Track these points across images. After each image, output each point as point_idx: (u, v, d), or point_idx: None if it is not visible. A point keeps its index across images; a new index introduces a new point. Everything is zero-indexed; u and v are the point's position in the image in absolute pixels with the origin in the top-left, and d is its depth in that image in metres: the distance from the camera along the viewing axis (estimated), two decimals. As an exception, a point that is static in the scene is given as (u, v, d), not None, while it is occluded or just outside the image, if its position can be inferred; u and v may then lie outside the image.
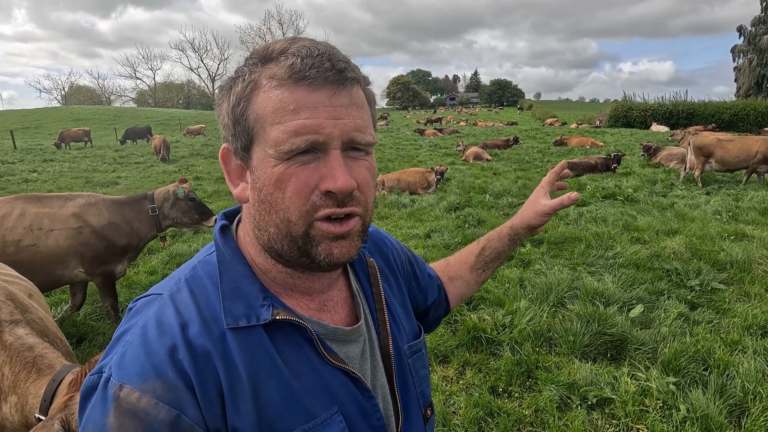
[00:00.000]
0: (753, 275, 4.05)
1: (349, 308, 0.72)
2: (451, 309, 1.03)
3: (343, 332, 0.67)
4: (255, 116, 0.58)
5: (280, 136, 0.56)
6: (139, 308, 0.62)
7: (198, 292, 0.61)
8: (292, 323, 0.61)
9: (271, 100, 0.57)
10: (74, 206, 3.26)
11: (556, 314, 3.44)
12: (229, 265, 0.64)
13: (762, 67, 35.71)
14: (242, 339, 0.59)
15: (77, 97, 78.99)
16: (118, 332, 0.60)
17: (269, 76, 0.58)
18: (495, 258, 1.01)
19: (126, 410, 0.52)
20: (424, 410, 0.78)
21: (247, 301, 0.61)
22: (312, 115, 0.56)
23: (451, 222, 6.24)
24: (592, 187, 8.25)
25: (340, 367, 0.64)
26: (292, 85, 0.57)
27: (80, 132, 22.65)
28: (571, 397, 2.57)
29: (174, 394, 0.53)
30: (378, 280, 0.77)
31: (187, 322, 0.58)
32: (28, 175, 12.70)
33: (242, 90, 0.59)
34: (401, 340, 0.77)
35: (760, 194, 7.14)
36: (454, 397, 2.65)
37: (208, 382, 0.55)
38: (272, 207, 0.59)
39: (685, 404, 2.42)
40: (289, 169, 0.57)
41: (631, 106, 28.19)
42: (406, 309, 0.83)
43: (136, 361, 0.54)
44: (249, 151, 0.60)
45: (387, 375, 0.73)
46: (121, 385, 0.53)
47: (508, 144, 16.23)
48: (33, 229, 3.05)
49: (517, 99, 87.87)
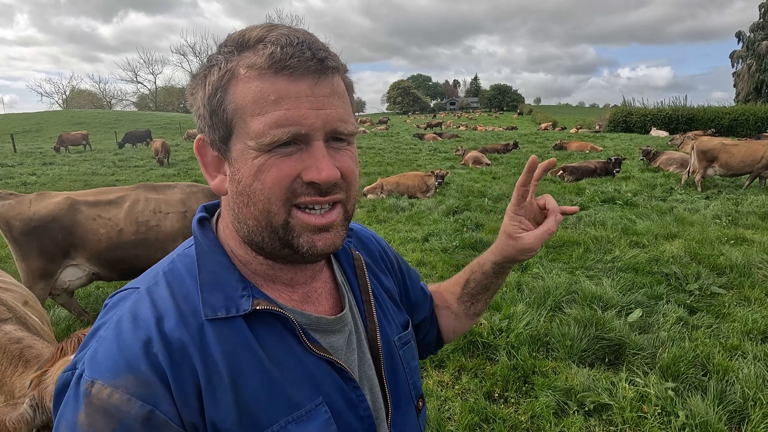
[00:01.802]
0: (753, 280, 4.02)
1: (333, 299, 0.71)
2: (444, 343, 0.96)
3: (326, 321, 0.66)
4: (234, 107, 0.56)
5: (261, 128, 0.54)
6: (115, 303, 0.61)
7: (176, 285, 0.60)
8: (274, 313, 0.60)
9: (250, 91, 0.55)
10: (180, 193, 3.70)
11: (554, 318, 3.40)
12: (208, 257, 0.62)
13: (761, 72, 35.79)
14: (221, 330, 0.57)
15: (78, 100, 79.20)
16: (94, 328, 0.59)
17: (247, 65, 0.55)
18: (482, 290, 0.89)
19: (97, 407, 0.50)
20: (416, 401, 0.78)
21: (226, 291, 0.59)
22: (294, 106, 0.54)
23: (449, 226, 6.21)
24: (591, 191, 8.23)
25: (324, 357, 0.63)
26: (272, 75, 0.55)
27: (79, 136, 22.74)
28: (568, 403, 2.53)
29: (147, 389, 0.52)
30: (364, 272, 0.76)
31: (162, 315, 0.56)
32: (27, 178, 12.70)
33: (218, 79, 0.57)
34: (391, 332, 0.76)
35: (759, 198, 7.11)
36: (449, 402, 2.61)
37: (184, 375, 0.54)
38: (251, 199, 0.57)
39: (684, 410, 2.37)
40: (269, 161, 0.56)
41: (630, 111, 28.25)
42: (394, 301, 0.82)
43: (108, 356, 0.53)
44: (227, 142, 0.58)
45: (375, 366, 0.71)
46: (92, 381, 0.51)
47: (507, 148, 16.24)
48: (156, 212, 3.54)
49: (517, 104, 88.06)
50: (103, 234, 3.35)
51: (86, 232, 3.32)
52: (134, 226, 3.44)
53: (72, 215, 3.31)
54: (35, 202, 3.30)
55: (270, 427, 0.56)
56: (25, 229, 3.20)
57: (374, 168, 12.76)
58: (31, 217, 3.22)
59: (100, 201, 3.46)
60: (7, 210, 3.21)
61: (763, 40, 35.80)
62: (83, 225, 3.33)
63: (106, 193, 3.56)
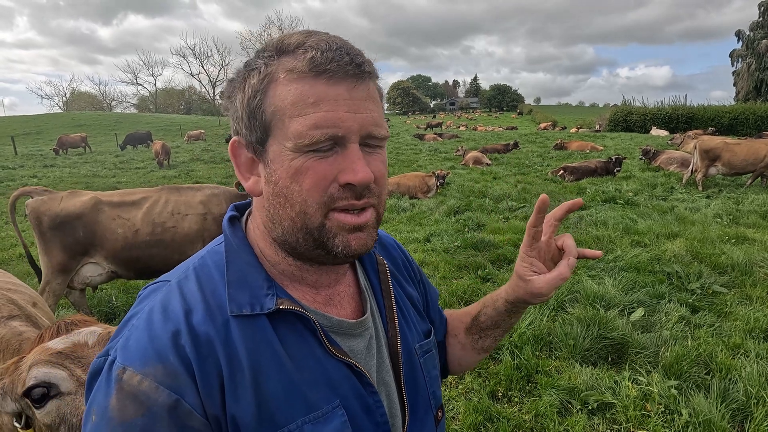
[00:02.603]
0: (754, 278, 4.02)
1: (356, 303, 0.72)
2: (448, 374, 0.91)
3: (347, 325, 0.67)
4: (273, 109, 0.57)
5: (300, 129, 0.56)
6: (147, 294, 0.63)
7: (205, 281, 0.62)
8: (296, 313, 0.61)
9: (290, 93, 0.56)
10: (202, 195, 3.75)
11: (557, 318, 3.41)
12: (236, 255, 0.64)
13: (761, 71, 35.78)
14: (245, 327, 0.58)
15: (78, 103, 79.23)
16: (127, 317, 0.61)
17: (287, 68, 0.57)
18: (492, 326, 0.83)
19: (128, 393, 0.52)
20: (435, 411, 0.77)
21: (251, 290, 0.61)
22: (332, 108, 0.56)
23: (450, 226, 6.22)
24: (592, 190, 8.24)
25: (344, 360, 0.63)
26: (312, 79, 0.56)
27: (78, 138, 22.76)
28: (571, 402, 2.54)
29: (175, 379, 0.53)
30: (387, 277, 0.76)
31: (191, 309, 0.58)
32: (28, 180, 12.72)
33: (258, 82, 0.58)
34: (412, 339, 0.75)
35: (760, 197, 7.12)
36: (453, 402, 2.62)
37: (209, 369, 0.55)
38: (288, 200, 0.59)
39: (687, 409, 2.38)
40: (307, 162, 0.57)
41: (630, 110, 28.26)
42: (417, 309, 0.82)
43: (139, 344, 0.55)
44: (264, 144, 0.60)
45: (394, 374, 0.71)
46: (124, 367, 0.53)
47: (507, 148, 16.25)
48: (174, 214, 3.60)
49: (517, 104, 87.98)
50: (120, 234, 3.44)
51: (105, 231, 3.43)
52: (150, 227, 3.51)
53: (95, 215, 3.43)
54: (65, 199, 3.44)
55: (287, 425, 0.57)
56: (52, 224, 3.33)
57: (375, 169, 12.75)
58: (58, 214, 3.35)
59: (124, 202, 3.56)
60: (39, 205, 3.36)
61: (762, 39, 35.80)
62: (103, 224, 3.44)
63: (131, 194, 3.66)
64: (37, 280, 4.51)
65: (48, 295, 3.37)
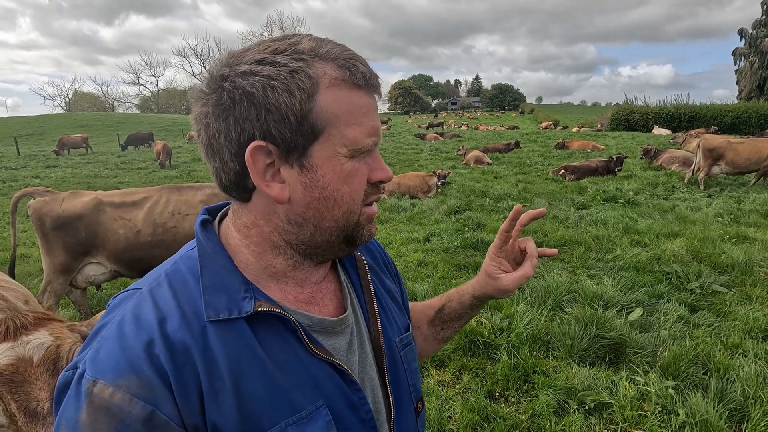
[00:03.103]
0: (754, 278, 4.01)
1: (337, 300, 0.72)
2: None
3: (329, 323, 0.67)
4: (325, 114, 0.58)
5: (357, 136, 0.60)
6: (117, 303, 0.62)
7: (178, 287, 0.61)
8: (276, 315, 0.61)
9: (343, 101, 0.59)
10: (203, 195, 3.72)
11: (555, 318, 3.41)
12: (211, 259, 0.63)
13: (763, 69, 35.59)
14: (224, 332, 0.58)
15: (81, 103, 79.51)
16: (96, 328, 0.59)
17: (336, 77, 0.59)
18: (455, 318, 0.92)
19: (99, 406, 0.51)
20: (415, 404, 0.78)
21: (228, 294, 0.60)
22: (374, 118, 0.63)
23: (450, 226, 6.22)
24: (593, 190, 8.23)
25: (326, 359, 0.63)
26: (356, 89, 0.61)
27: (79, 139, 22.72)
28: (568, 402, 2.53)
29: (149, 390, 0.52)
30: (367, 273, 0.78)
31: (165, 317, 0.57)
32: (30, 180, 12.78)
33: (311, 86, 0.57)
34: (392, 333, 0.77)
35: (762, 196, 7.09)
36: (450, 401, 2.62)
37: (186, 377, 0.54)
38: (336, 202, 0.62)
39: (684, 409, 2.38)
40: (355, 165, 0.62)
41: (632, 109, 28.16)
42: (396, 303, 0.83)
43: (110, 356, 0.54)
44: (307, 148, 0.59)
45: (378, 368, 0.72)
46: (94, 380, 0.52)
47: (509, 148, 16.23)
48: (175, 214, 3.57)
49: (519, 103, 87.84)
50: (122, 234, 3.45)
51: (107, 232, 3.44)
52: (152, 227, 3.51)
53: (96, 215, 3.44)
54: (67, 200, 3.44)
55: (271, 429, 0.57)
56: (54, 225, 3.34)
57: (376, 168, 12.77)
58: (60, 214, 3.36)
59: (125, 202, 3.56)
60: (41, 206, 3.37)
61: (765, 37, 35.62)
62: (105, 225, 3.44)
63: (132, 194, 3.65)
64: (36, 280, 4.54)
65: (49, 295, 3.39)
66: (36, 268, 5.12)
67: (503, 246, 0.84)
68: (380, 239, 5.82)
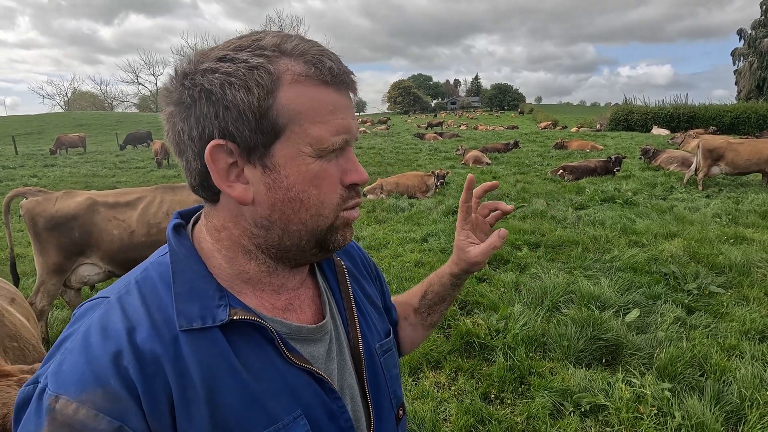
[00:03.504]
0: (752, 279, 4.00)
1: (316, 307, 0.70)
2: (401, 355, 0.95)
3: (307, 330, 0.65)
4: (289, 111, 0.56)
5: (323, 135, 0.57)
6: (83, 313, 0.58)
7: (149, 294, 0.58)
8: (252, 323, 0.58)
9: (307, 98, 0.57)
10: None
11: (551, 319, 3.40)
12: (184, 265, 0.60)
13: (762, 70, 35.61)
14: (197, 342, 0.55)
15: (80, 102, 79.32)
16: (59, 339, 0.56)
17: (299, 73, 0.56)
18: (439, 302, 0.93)
19: (62, 423, 0.48)
20: (396, 410, 0.77)
21: (202, 301, 0.58)
22: (345, 116, 0.60)
23: (448, 226, 6.21)
24: (591, 190, 8.22)
25: (304, 367, 0.62)
26: (324, 86, 0.58)
27: (76, 138, 22.58)
28: (564, 404, 2.52)
29: (116, 404, 0.50)
30: (346, 278, 0.76)
31: (134, 326, 0.54)
32: (28, 180, 12.74)
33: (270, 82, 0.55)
34: (372, 339, 0.75)
35: (760, 197, 7.08)
36: (445, 403, 2.60)
37: (156, 389, 0.52)
38: (303, 204, 0.59)
39: (680, 411, 2.37)
40: (323, 166, 0.59)
41: (631, 109, 28.15)
42: (376, 308, 0.82)
43: (75, 369, 0.51)
44: (269, 147, 0.56)
45: (357, 375, 0.71)
46: (57, 395, 0.49)
47: (508, 148, 16.22)
48: (169, 214, 3.53)
49: (518, 103, 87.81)
50: (116, 235, 3.44)
51: (101, 232, 3.42)
52: (145, 227, 3.50)
53: (90, 216, 3.42)
54: (60, 200, 3.42)
55: None
56: (47, 225, 3.32)
57: (374, 168, 12.77)
58: (53, 215, 3.34)
59: (119, 202, 3.54)
60: (34, 206, 3.34)
61: (764, 38, 35.64)
62: (99, 225, 3.43)
63: (126, 195, 3.64)
64: (30, 281, 4.51)
65: (42, 295, 3.37)
66: (30, 268, 5.10)
67: (467, 218, 0.85)
68: (378, 239, 5.80)
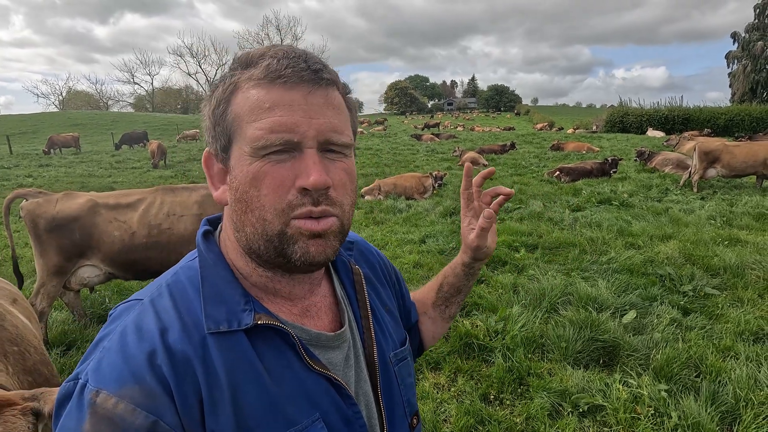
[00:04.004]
0: (746, 280, 4.05)
1: (333, 314, 0.72)
2: (425, 348, 0.98)
3: (326, 338, 0.67)
4: (233, 116, 0.59)
5: (256, 133, 0.57)
6: (119, 314, 0.62)
7: (179, 298, 0.61)
8: (274, 328, 0.61)
9: (248, 100, 0.58)
10: (197, 195, 3.71)
11: (549, 320, 3.43)
12: (211, 270, 0.63)
13: (756, 72, 35.95)
14: (223, 344, 0.58)
15: (75, 102, 78.86)
16: (97, 338, 0.60)
17: (247, 77, 0.59)
18: (455, 293, 0.93)
19: (102, 416, 0.51)
20: (410, 419, 0.78)
21: (228, 306, 0.60)
22: (287, 113, 0.57)
23: (446, 227, 6.24)
24: (587, 192, 8.27)
25: (323, 373, 0.64)
26: (268, 84, 0.58)
27: (69, 138, 22.34)
28: (562, 405, 2.55)
29: (152, 400, 0.53)
30: (363, 287, 0.76)
31: (167, 327, 0.58)
32: (23, 180, 12.66)
33: (222, 92, 0.61)
34: (387, 347, 0.76)
35: (754, 199, 7.16)
36: (445, 404, 2.63)
37: (187, 387, 0.55)
38: (248, 206, 0.59)
39: (676, 411, 2.40)
40: (264, 167, 0.57)
41: (627, 111, 28.38)
42: (393, 317, 0.83)
43: (113, 366, 0.54)
44: (228, 151, 0.61)
45: (372, 383, 0.72)
46: (97, 390, 0.52)
47: (504, 149, 16.29)
48: (169, 215, 3.57)
49: (515, 104, 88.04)
50: (117, 236, 3.43)
51: (102, 234, 3.42)
52: (146, 229, 3.50)
53: (92, 217, 3.42)
54: (61, 201, 3.42)
55: None
56: (48, 227, 3.31)
57: (371, 169, 12.78)
58: (54, 216, 3.33)
59: (120, 204, 3.54)
60: (34, 208, 3.33)
61: (758, 41, 35.96)
62: (100, 227, 3.43)
63: (127, 196, 3.64)
64: (29, 282, 4.49)
65: (42, 297, 3.36)
66: (28, 269, 5.07)
67: (469, 205, 0.88)
68: (376, 240, 5.82)
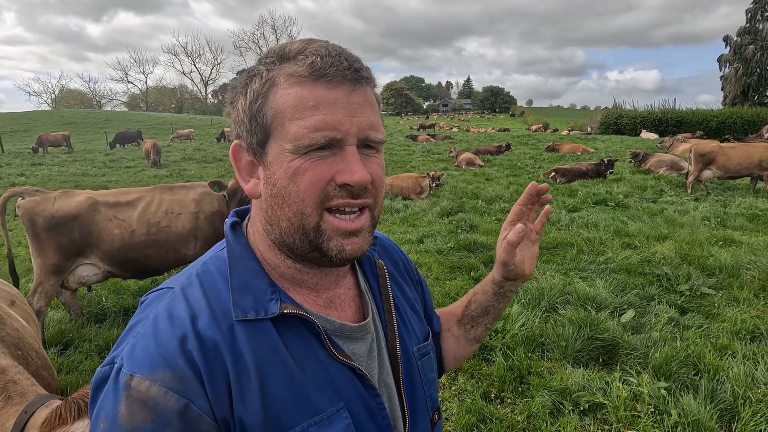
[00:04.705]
0: (741, 280, 4.10)
1: (356, 306, 0.73)
2: (445, 370, 0.93)
3: (350, 329, 0.68)
4: (273, 112, 0.59)
5: (300, 131, 0.57)
6: (151, 301, 0.63)
7: (208, 286, 0.63)
8: (300, 317, 0.62)
9: (290, 97, 0.58)
10: (194, 194, 3.75)
11: (549, 319, 3.45)
12: (239, 261, 0.65)
13: (748, 76, 36.41)
14: (250, 332, 0.60)
15: (68, 100, 78.22)
16: (130, 324, 0.61)
17: (288, 73, 0.59)
18: (482, 313, 0.88)
19: (136, 399, 0.53)
20: (431, 414, 0.78)
21: (255, 295, 0.62)
22: (330, 112, 0.58)
23: (443, 227, 6.25)
24: (583, 192, 8.33)
25: (347, 363, 0.64)
26: (311, 83, 0.58)
27: (60, 137, 21.99)
28: (563, 403, 2.56)
29: (183, 384, 0.54)
30: (386, 281, 0.77)
31: (197, 314, 0.59)
32: (15, 179, 12.53)
33: (260, 87, 0.60)
34: (410, 342, 0.77)
35: (747, 200, 7.25)
36: (446, 403, 2.63)
37: (216, 372, 0.56)
38: (285, 200, 0.60)
39: (676, 409, 2.42)
40: (305, 164, 0.58)
41: (621, 113, 28.61)
42: (416, 312, 0.83)
43: (146, 351, 0.56)
44: (264, 146, 0.61)
45: (394, 376, 0.72)
46: (131, 374, 0.54)
47: (500, 150, 16.36)
48: (168, 213, 3.61)
49: (510, 105, 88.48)
50: (117, 234, 3.44)
51: (102, 232, 3.43)
52: (145, 227, 3.52)
53: (92, 215, 3.41)
54: (59, 199, 3.39)
55: (293, 428, 0.58)
56: (47, 225, 3.29)
57: (368, 169, 12.77)
58: (53, 214, 3.31)
59: (120, 202, 3.54)
60: (33, 206, 3.30)
61: (749, 44, 36.43)
62: (100, 225, 3.42)
63: (126, 194, 3.65)
64: (24, 281, 4.45)
65: (40, 296, 3.33)
66: (23, 268, 5.02)
67: (513, 221, 0.82)
68: (374, 240, 5.82)
